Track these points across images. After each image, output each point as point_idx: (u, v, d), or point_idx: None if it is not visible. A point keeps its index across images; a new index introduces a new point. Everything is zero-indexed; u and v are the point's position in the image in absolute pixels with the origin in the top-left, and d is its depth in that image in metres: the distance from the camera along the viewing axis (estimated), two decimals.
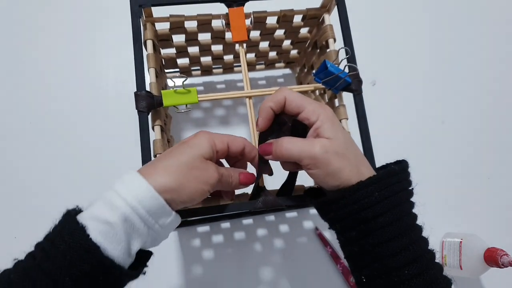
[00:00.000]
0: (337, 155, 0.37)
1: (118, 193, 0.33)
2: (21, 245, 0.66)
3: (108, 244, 0.32)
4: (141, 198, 0.33)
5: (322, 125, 0.37)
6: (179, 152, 0.37)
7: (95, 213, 0.33)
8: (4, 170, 0.68)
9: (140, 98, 0.46)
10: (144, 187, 0.34)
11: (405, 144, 0.77)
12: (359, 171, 0.37)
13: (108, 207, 0.33)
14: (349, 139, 0.39)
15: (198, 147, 0.38)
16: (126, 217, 0.33)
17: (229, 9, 0.52)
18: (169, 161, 0.36)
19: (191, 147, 0.38)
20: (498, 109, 0.83)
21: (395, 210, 0.36)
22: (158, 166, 0.36)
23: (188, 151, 0.37)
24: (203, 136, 0.39)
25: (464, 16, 0.89)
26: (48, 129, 0.71)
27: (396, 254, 0.35)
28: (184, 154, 0.37)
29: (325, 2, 0.56)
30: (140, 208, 0.33)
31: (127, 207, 0.33)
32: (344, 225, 0.38)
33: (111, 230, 0.32)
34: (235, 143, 0.42)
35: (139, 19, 0.49)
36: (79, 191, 0.67)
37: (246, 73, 0.52)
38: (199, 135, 0.39)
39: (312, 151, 0.37)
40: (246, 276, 0.67)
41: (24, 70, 0.74)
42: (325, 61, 0.49)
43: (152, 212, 0.34)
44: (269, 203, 0.45)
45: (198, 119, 0.74)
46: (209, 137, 0.39)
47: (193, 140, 0.39)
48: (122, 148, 0.69)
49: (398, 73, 0.82)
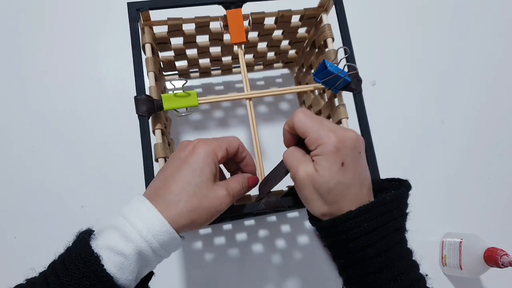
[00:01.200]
0: (314, 188, 0.36)
1: (133, 226, 0.33)
2: (21, 245, 0.67)
3: (121, 274, 0.32)
4: (156, 232, 0.34)
5: (317, 156, 0.36)
6: (185, 180, 0.36)
7: (110, 244, 0.33)
8: (4, 170, 0.68)
9: (140, 102, 0.46)
10: (159, 221, 0.34)
11: (405, 144, 0.77)
12: (335, 207, 0.36)
13: (123, 239, 0.33)
14: (340, 179, 0.36)
15: (202, 171, 0.37)
16: (140, 250, 0.33)
17: (227, 11, 0.52)
18: (178, 193, 0.36)
19: (195, 173, 0.37)
20: (498, 109, 0.83)
21: (383, 241, 0.35)
22: (167, 198, 0.36)
23: (195, 180, 0.36)
24: (204, 153, 0.38)
25: (464, 15, 0.89)
26: (48, 130, 0.71)
27: (384, 285, 0.34)
28: (192, 184, 0.36)
29: (322, 2, 0.56)
30: (154, 242, 0.34)
31: (142, 240, 0.33)
32: (334, 253, 0.38)
33: (125, 261, 0.32)
34: (232, 145, 0.42)
35: (137, 23, 0.49)
36: (79, 192, 0.68)
37: (246, 75, 0.52)
38: (198, 152, 0.38)
39: (294, 171, 0.38)
40: (248, 277, 0.67)
41: (25, 72, 0.74)
42: (325, 61, 0.49)
43: (165, 245, 0.35)
44: (271, 204, 0.45)
45: (197, 122, 0.74)
46: (209, 151, 0.38)
47: (194, 159, 0.37)
48: (122, 150, 0.69)
49: (397, 73, 0.82)
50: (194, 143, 0.39)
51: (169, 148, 0.57)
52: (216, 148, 0.39)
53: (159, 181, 0.38)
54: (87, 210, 0.67)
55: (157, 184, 0.37)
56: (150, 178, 0.45)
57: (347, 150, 0.36)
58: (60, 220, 0.67)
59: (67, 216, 0.67)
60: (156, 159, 0.47)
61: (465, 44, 0.87)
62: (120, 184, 0.67)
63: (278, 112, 0.76)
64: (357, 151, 0.37)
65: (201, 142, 0.39)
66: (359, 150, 0.37)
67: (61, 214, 0.67)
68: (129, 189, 0.57)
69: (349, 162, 0.36)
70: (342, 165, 0.35)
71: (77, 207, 0.67)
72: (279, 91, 0.55)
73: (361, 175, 0.37)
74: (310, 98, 0.67)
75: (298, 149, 0.40)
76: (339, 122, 0.55)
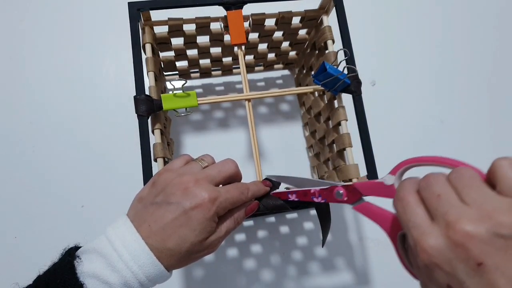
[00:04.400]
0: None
1: (119, 255, 0.33)
2: (21, 245, 0.67)
3: None
4: (142, 264, 0.34)
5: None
6: (183, 237, 0.35)
7: (95, 271, 0.32)
8: (4, 170, 0.69)
9: (139, 102, 0.46)
10: (146, 254, 0.34)
11: (405, 144, 0.77)
12: None
13: (109, 268, 0.33)
14: None
15: (202, 232, 0.36)
16: (126, 281, 0.33)
17: (227, 12, 0.52)
18: (173, 249, 0.35)
19: (194, 233, 0.35)
20: (498, 109, 0.83)
21: None
22: (161, 246, 0.35)
23: (191, 239, 0.35)
24: (209, 216, 0.36)
25: (463, 15, 0.89)
26: (48, 130, 0.71)
27: None
28: (187, 242, 0.35)
29: (323, 4, 0.56)
30: (140, 274, 0.33)
31: (129, 271, 0.33)
32: None
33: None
34: (236, 179, 0.42)
35: (138, 22, 0.49)
36: (79, 192, 0.68)
37: (245, 76, 0.52)
38: (203, 210, 0.35)
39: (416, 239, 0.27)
40: (246, 277, 0.67)
41: (25, 72, 0.74)
42: (324, 63, 0.49)
43: (151, 277, 0.34)
44: (270, 205, 0.45)
45: (198, 122, 0.74)
46: (213, 214, 0.36)
47: (197, 219, 0.35)
48: (123, 150, 0.69)
49: (397, 73, 0.82)
50: (202, 196, 0.36)
51: (168, 148, 0.57)
52: (220, 210, 0.37)
53: (155, 219, 0.35)
54: (87, 210, 0.68)
55: (151, 220, 0.35)
56: (149, 177, 0.45)
57: None
58: (60, 220, 0.67)
59: (67, 216, 0.67)
60: (155, 159, 0.47)
61: (465, 44, 0.87)
62: (120, 184, 0.67)
63: (278, 113, 0.76)
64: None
65: (210, 197, 0.36)
66: None
67: (61, 214, 0.67)
68: (129, 189, 0.57)
69: None
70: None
71: (77, 207, 0.68)
72: (278, 92, 0.55)
73: None
74: (310, 100, 0.67)
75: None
76: (339, 124, 0.55)
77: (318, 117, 0.66)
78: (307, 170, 0.73)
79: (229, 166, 0.40)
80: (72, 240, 0.38)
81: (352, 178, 0.51)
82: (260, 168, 0.49)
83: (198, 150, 0.72)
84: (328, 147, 0.61)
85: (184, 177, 0.37)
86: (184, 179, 0.37)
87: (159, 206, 0.36)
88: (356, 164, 0.52)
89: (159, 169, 0.47)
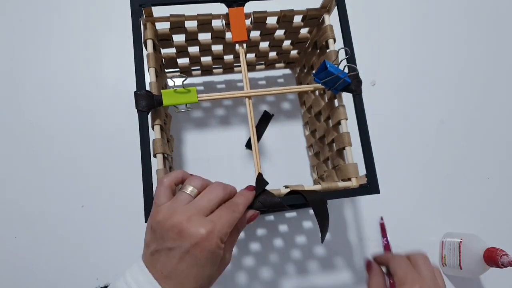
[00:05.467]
0: None
1: None
2: (21, 245, 0.67)
3: None
4: None
5: None
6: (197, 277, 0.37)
7: None
8: (4, 170, 0.69)
9: (140, 97, 0.46)
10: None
11: (405, 144, 0.77)
12: None
13: None
14: None
15: (213, 265, 0.38)
16: None
17: (229, 9, 0.52)
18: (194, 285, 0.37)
19: (205, 269, 0.37)
20: (498, 109, 0.83)
21: None
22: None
23: (204, 274, 0.37)
24: (213, 250, 0.37)
25: (464, 16, 0.89)
26: (48, 128, 0.71)
27: None
28: (200, 279, 0.37)
29: (325, 3, 0.56)
30: None
31: None
32: None
33: None
34: (228, 199, 0.42)
35: (139, 18, 0.49)
36: (79, 191, 0.68)
37: (246, 73, 0.52)
38: (205, 248, 0.36)
39: None
40: (245, 275, 0.67)
41: (24, 69, 0.74)
42: (325, 62, 0.49)
43: None
44: (268, 202, 0.45)
45: (199, 119, 0.74)
46: (216, 247, 0.37)
47: (202, 256, 0.36)
48: (123, 150, 0.70)
49: (397, 73, 0.82)
50: (199, 233, 0.36)
51: (168, 145, 0.57)
52: (222, 237, 0.38)
53: (164, 265, 0.37)
54: (87, 210, 0.68)
55: (161, 267, 0.37)
56: (148, 174, 0.45)
57: None
58: (61, 220, 0.67)
59: (67, 216, 0.67)
60: (154, 155, 0.47)
61: (465, 44, 0.87)
62: (120, 183, 0.67)
63: (279, 112, 0.76)
64: None
65: (207, 231, 0.36)
66: None
67: (61, 214, 0.67)
68: (129, 189, 0.58)
69: None
70: None
71: (77, 207, 0.68)
72: (279, 90, 0.55)
73: None
74: (311, 99, 0.68)
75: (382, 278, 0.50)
76: (338, 123, 0.55)
77: (318, 116, 0.66)
78: (307, 169, 0.73)
79: (217, 192, 0.40)
80: (73, 240, 0.37)
81: (351, 177, 0.52)
82: (259, 166, 0.49)
83: (199, 147, 0.72)
84: (328, 146, 0.61)
85: (175, 216, 0.37)
86: (176, 220, 0.36)
87: (162, 253, 0.37)
88: (355, 163, 0.52)
89: (158, 166, 0.48)
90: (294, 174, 0.72)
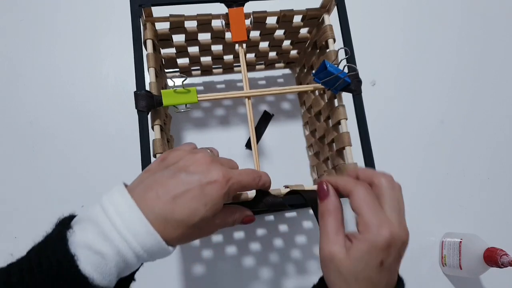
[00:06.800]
0: (338, 272, 0.35)
1: (112, 223, 0.31)
2: (21, 245, 0.67)
3: (97, 275, 0.30)
4: (137, 233, 0.31)
5: (359, 242, 0.34)
6: (194, 210, 0.33)
7: (87, 242, 0.30)
8: (4, 170, 0.69)
9: (139, 97, 0.46)
10: (141, 222, 0.31)
11: (405, 144, 0.78)
12: None
13: (101, 237, 0.31)
14: (373, 277, 0.34)
15: (213, 207, 0.34)
16: (119, 250, 0.31)
17: (229, 9, 0.52)
18: (184, 218, 0.33)
19: (206, 207, 0.33)
20: (498, 109, 0.83)
21: None
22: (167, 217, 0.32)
23: (201, 213, 0.33)
24: (223, 194, 0.35)
25: (464, 16, 0.89)
26: (48, 128, 0.71)
27: None
28: (197, 216, 0.33)
29: (324, 3, 0.56)
30: (135, 243, 0.31)
31: (122, 240, 0.31)
32: None
33: (102, 261, 0.30)
34: (250, 186, 0.40)
35: (139, 18, 0.49)
36: (79, 191, 0.68)
37: (245, 73, 0.52)
38: (217, 186, 0.34)
39: (326, 248, 0.36)
40: (245, 275, 0.67)
41: (24, 70, 0.74)
42: (325, 61, 0.49)
43: (148, 249, 0.32)
44: (268, 202, 0.45)
45: (198, 119, 0.74)
46: (225, 193, 0.35)
47: (211, 195, 0.34)
48: (123, 150, 0.69)
49: (397, 73, 0.82)
50: (218, 174, 0.34)
51: (168, 145, 0.57)
52: (232, 191, 0.36)
53: (166, 188, 0.33)
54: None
55: (160, 189, 0.33)
56: None
57: (394, 250, 0.34)
58: None
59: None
60: (154, 155, 0.47)
61: (465, 44, 0.87)
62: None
63: (279, 112, 0.76)
64: (400, 254, 0.35)
65: (225, 176, 0.35)
66: (402, 254, 0.35)
67: (61, 214, 0.67)
68: None
69: (389, 264, 0.34)
70: (381, 264, 0.33)
71: (77, 207, 0.68)
72: (279, 90, 0.55)
73: (391, 280, 0.35)
74: (311, 99, 0.68)
75: (339, 217, 0.38)
76: (338, 123, 0.55)
77: (318, 116, 0.66)
78: (307, 169, 0.73)
79: (234, 163, 0.41)
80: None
81: None
82: (259, 166, 0.49)
83: (198, 147, 0.72)
84: (328, 146, 0.61)
85: (197, 155, 0.36)
86: (198, 156, 0.36)
87: (173, 175, 0.34)
88: (355, 163, 0.52)
89: None
90: (294, 174, 0.72)
